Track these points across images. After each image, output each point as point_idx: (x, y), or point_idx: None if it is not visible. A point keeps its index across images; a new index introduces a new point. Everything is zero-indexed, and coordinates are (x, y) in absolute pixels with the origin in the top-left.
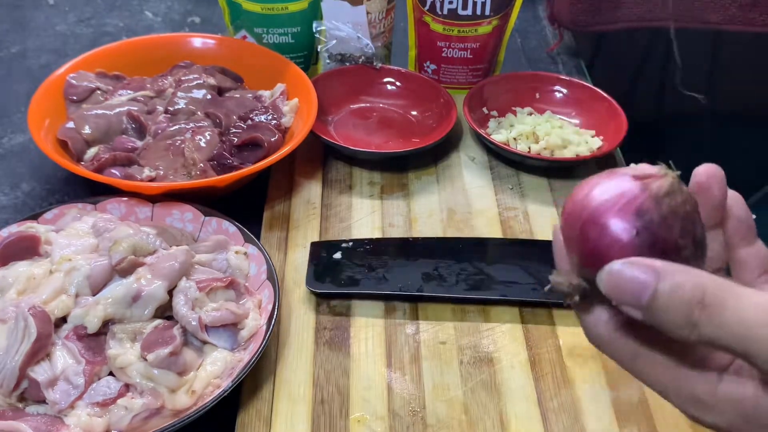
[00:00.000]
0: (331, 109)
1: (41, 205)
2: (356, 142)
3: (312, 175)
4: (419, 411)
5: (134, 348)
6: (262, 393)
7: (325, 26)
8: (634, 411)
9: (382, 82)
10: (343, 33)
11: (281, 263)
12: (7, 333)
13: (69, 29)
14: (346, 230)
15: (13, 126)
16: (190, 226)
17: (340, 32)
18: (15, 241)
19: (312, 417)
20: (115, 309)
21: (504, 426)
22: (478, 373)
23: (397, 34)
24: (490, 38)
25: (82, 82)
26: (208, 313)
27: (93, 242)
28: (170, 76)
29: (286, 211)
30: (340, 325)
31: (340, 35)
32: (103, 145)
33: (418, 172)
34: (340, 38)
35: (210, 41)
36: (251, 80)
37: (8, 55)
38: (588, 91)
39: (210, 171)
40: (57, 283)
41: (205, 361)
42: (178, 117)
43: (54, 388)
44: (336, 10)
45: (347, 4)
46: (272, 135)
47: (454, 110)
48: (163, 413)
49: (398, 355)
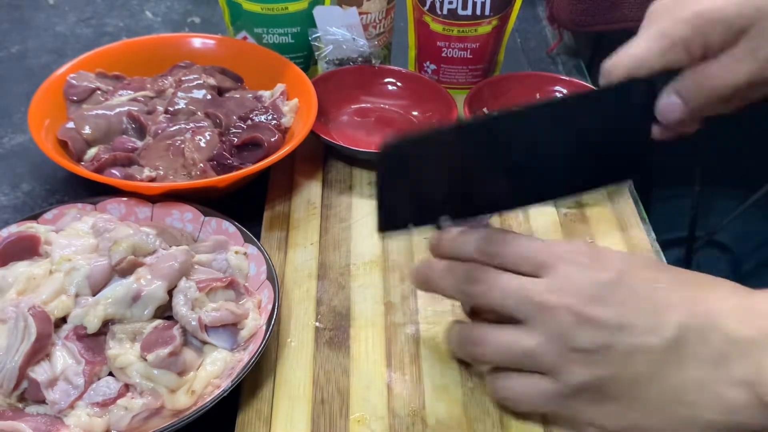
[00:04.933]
0: (331, 109)
1: (41, 205)
2: (356, 142)
3: (312, 175)
4: (419, 411)
5: (134, 348)
6: (262, 393)
7: (319, 34)
8: None
9: (383, 82)
10: (338, 37)
11: (281, 263)
12: (7, 333)
13: (69, 29)
14: (346, 230)
15: (13, 126)
16: (189, 227)
17: (334, 37)
18: (15, 241)
19: (312, 417)
20: (115, 309)
21: (504, 426)
22: (478, 373)
23: (397, 34)
24: (490, 38)
25: (82, 82)
26: (208, 313)
27: (93, 242)
28: (170, 76)
29: (286, 211)
30: (340, 325)
31: (335, 40)
32: (103, 146)
33: None
34: (336, 43)
35: (210, 41)
36: (251, 80)
37: (8, 55)
38: None
39: (210, 171)
40: (57, 283)
41: (205, 361)
42: (178, 117)
43: (54, 388)
44: (328, 16)
45: (338, 9)
46: (272, 135)
47: (455, 111)
48: (163, 413)
49: (398, 355)
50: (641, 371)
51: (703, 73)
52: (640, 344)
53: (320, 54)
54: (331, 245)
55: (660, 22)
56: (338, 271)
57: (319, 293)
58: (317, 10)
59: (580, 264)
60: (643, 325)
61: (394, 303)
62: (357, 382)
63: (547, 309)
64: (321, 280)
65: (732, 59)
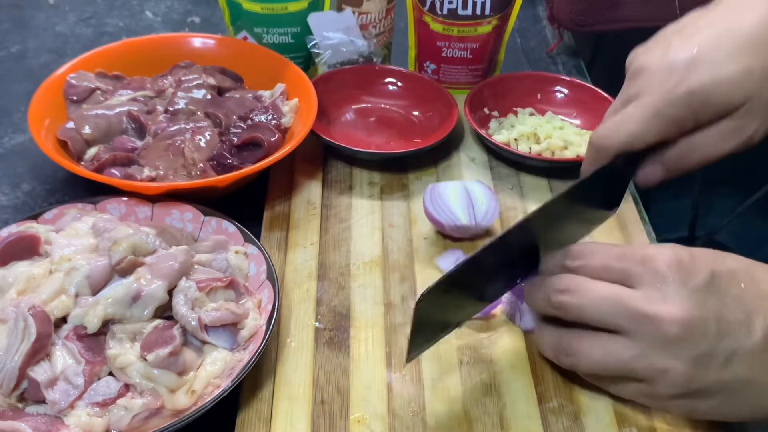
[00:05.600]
0: (331, 109)
1: (41, 205)
2: (356, 142)
3: (312, 175)
4: (419, 411)
5: (134, 348)
6: (261, 393)
7: (316, 40)
8: (634, 411)
9: (383, 82)
10: (335, 41)
11: (281, 263)
12: (7, 333)
13: (69, 29)
14: (346, 230)
15: (13, 126)
16: (189, 226)
17: (332, 41)
18: (15, 241)
19: (312, 417)
20: (114, 309)
21: (504, 426)
22: (478, 373)
23: (397, 34)
24: (490, 38)
25: (82, 82)
26: (208, 313)
27: (93, 242)
28: (170, 76)
29: (286, 211)
30: (340, 325)
31: (332, 44)
32: (103, 145)
33: (419, 172)
34: (334, 47)
35: (210, 41)
36: (251, 80)
37: (8, 55)
38: (589, 91)
39: (210, 171)
40: (57, 283)
41: (205, 361)
42: (178, 117)
43: (54, 388)
44: (323, 22)
45: (333, 13)
46: (272, 135)
47: (455, 110)
48: (163, 413)
49: (398, 356)
50: (739, 375)
51: (688, 147)
52: (738, 350)
53: (320, 60)
54: (331, 245)
55: (652, 95)
56: (338, 271)
57: (319, 293)
58: (311, 18)
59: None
60: (739, 330)
61: (394, 303)
62: (357, 382)
63: (648, 319)
64: (321, 280)
65: (718, 135)
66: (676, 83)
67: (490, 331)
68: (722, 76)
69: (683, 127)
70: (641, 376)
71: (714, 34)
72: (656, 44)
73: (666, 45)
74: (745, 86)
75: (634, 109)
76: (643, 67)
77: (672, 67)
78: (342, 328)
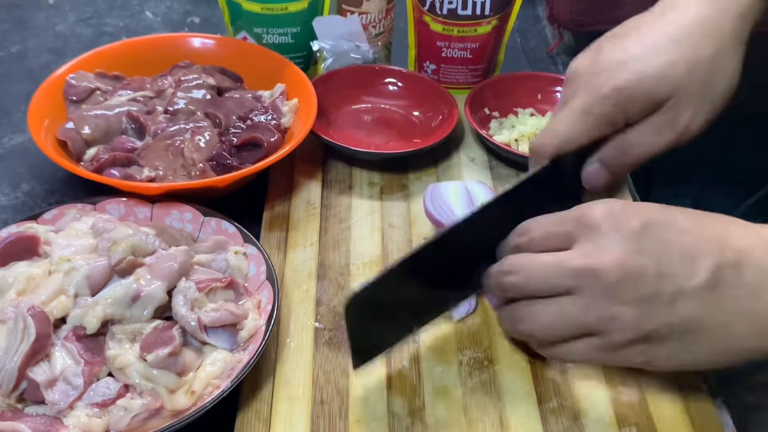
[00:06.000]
0: (331, 109)
1: (41, 206)
2: (356, 143)
3: (312, 175)
4: (419, 411)
5: (133, 348)
6: (261, 393)
7: (321, 46)
8: (634, 411)
9: (383, 82)
10: (340, 48)
11: (281, 263)
12: (7, 333)
13: (69, 29)
14: (346, 230)
15: (13, 126)
16: (189, 227)
17: (336, 47)
18: (14, 241)
19: (311, 417)
20: (114, 309)
21: (504, 426)
22: (478, 373)
23: (397, 34)
24: (490, 38)
25: (81, 83)
26: (208, 313)
27: (92, 243)
28: (170, 76)
29: (286, 212)
30: (340, 325)
31: (337, 51)
32: (102, 146)
33: (419, 172)
34: (338, 54)
35: (210, 41)
36: (251, 80)
37: (8, 55)
38: None
39: (210, 171)
40: (56, 283)
41: (205, 361)
42: (178, 117)
43: (53, 389)
44: (329, 27)
45: (339, 18)
46: (272, 135)
47: (456, 110)
48: (163, 414)
49: (398, 356)
50: (686, 315)
51: (624, 144)
52: (683, 290)
53: (324, 66)
54: (331, 245)
55: (581, 96)
56: (338, 271)
57: (318, 293)
58: (317, 22)
59: (605, 223)
60: (681, 271)
61: None
62: (357, 382)
63: (587, 272)
64: (320, 281)
65: (652, 130)
66: (603, 83)
67: (490, 331)
68: (646, 71)
69: (615, 125)
70: (593, 329)
71: (642, 35)
72: (589, 50)
73: (597, 49)
74: (670, 79)
75: (563, 111)
76: (576, 73)
77: (601, 69)
78: (342, 328)
